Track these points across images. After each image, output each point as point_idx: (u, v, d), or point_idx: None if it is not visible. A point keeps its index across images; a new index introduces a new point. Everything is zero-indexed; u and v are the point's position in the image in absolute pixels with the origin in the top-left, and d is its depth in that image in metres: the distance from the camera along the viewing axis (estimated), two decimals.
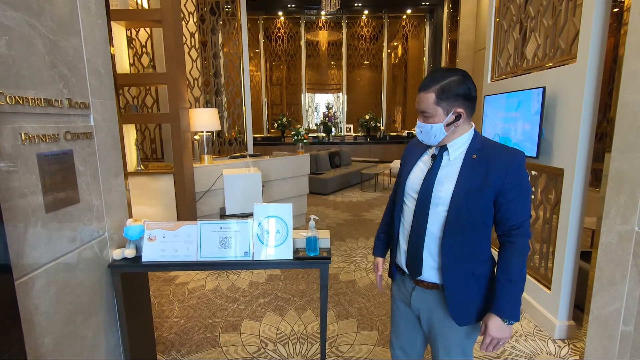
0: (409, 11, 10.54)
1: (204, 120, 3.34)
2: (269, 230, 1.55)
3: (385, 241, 1.41)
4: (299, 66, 10.86)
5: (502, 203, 1.06)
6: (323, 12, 10.43)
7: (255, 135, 10.74)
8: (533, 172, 2.34)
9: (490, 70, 2.87)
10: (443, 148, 1.14)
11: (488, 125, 2.72)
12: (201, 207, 3.38)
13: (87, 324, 1.42)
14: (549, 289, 2.19)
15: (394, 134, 11.26)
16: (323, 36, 10.86)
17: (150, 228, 1.56)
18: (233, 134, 5.11)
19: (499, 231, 1.11)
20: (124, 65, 3.18)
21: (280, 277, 2.98)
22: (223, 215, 3.07)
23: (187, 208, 3.11)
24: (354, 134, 11.08)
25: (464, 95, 1.05)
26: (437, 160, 1.14)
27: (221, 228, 1.56)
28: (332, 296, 2.64)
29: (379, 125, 11.04)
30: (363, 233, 4.11)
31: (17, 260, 1.09)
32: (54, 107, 1.24)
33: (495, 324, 1.05)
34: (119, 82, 2.99)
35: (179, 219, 3.09)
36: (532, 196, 2.45)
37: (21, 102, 1.10)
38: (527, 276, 2.41)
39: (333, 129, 10.86)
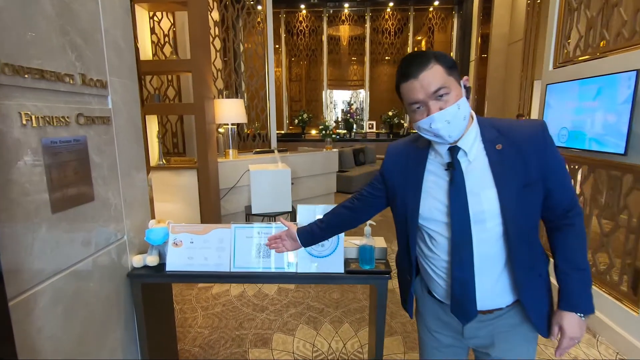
0: (436, 3, 10.09)
1: (229, 111, 3.12)
2: None
3: (317, 233, 1.14)
4: (320, 62, 10.59)
5: (552, 187, 0.87)
6: (347, 5, 10.11)
7: (277, 131, 10.54)
8: (614, 172, 2.00)
9: (553, 56, 2.52)
10: (455, 150, 0.87)
11: (552, 117, 2.38)
12: (225, 205, 3.16)
13: (102, 342, 1.20)
14: (636, 311, 1.85)
15: None
16: (344, 31, 10.54)
17: (176, 232, 1.33)
18: (251, 130, 4.89)
19: (551, 217, 0.92)
20: (146, 52, 2.98)
21: (311, 284, 2.73)
22: (249, 214, 2.84)
23: (211, 206, 2.90)
24: (375, 131, 10.74)
25: (456, 65, 0.84)
26: (456, 169, 0.87)
27: (259, 233, 1.31)
28: (364, 306, 2.36)
29: (402, 122, 10.66)
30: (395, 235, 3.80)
31: (14, 274, 0.86)
32: (64, 84, 1.01)
33: (571, 322, 0.89)
34: (143, 69, 2.82)
35: (202, 218, 2.88)
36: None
37: (21, 74, 0.87)
38: (602, 293, 2.07)
39: (355, 125, 10.55)
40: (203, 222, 2.90)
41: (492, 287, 0.89)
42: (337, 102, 11.03)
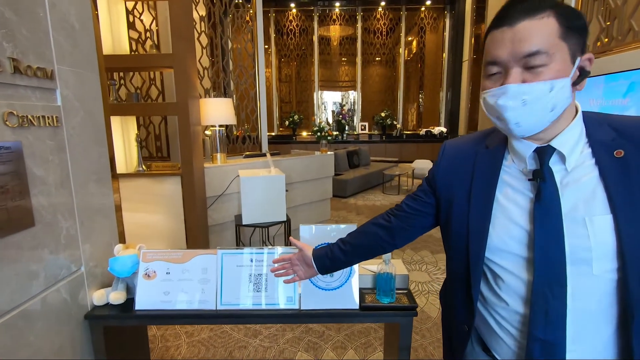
0: (428, 2, 9.97)
1: (217, 112, 2.84)
2: None
3: (339, 258, 0.88)
4: (310, 62, 10.36)
5: None
6: (337, 4, 9.91)
7: (267, 133, 10.27)
8: None
9: None
10: (546, 153, 0.62)
11: None
12: (212, 215, 2.89)
13: None
14: None
15: (410, 132, 10.71)
16: (335, 31, 10.34)
17: (148, 259, 1.06)
18: (241, 131, 4.63)
19: None
20: (123, 46, 2.69)
21: None
22: (239, 224, 2.57)
23: (197, 216, 2.62)
24: (368, 132, 10.56)
25: (585, 30, 0.58)
26: (547, 179, 0.61)
27: (252, 261, 1.05)
28: (370, 328, 2.12)
29: (395, 123, 10.50)
30: None
31: None
32: None
33: None
34: (116, 64, 2.53)
35: (187, 229, 2.60)
36: None
37: None
38: None
39: (347, 127, 10.34)
40: (188, 234, 2.62)
41: (595, 357, 0.62)
42: (327, 103, 10.81)
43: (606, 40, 2.11)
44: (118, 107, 2.40)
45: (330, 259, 0.89)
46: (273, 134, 10.44)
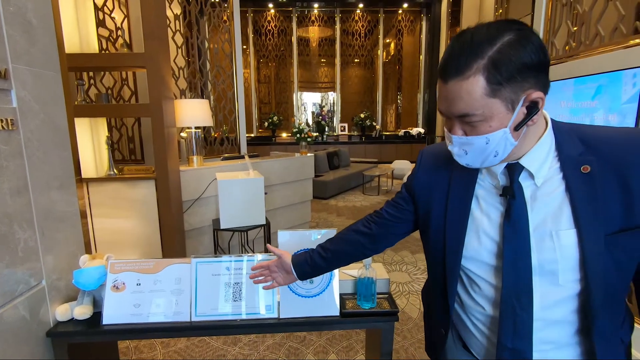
0: (405, 5, 10.13)
1: (192, 113, 2.76)
2: None
3: (318, 264, 0.88)
4: (289, 63, 10.32)
5: None
6: (316, 5, 9.91)
7: (246, 135, 10.14)
8: None
9: None
10: (516, 170, 0.64)
11: None
12: (189, 219, 2.80)
13: None
14: None
15: (390, 133, 10.84)
16: (314, 32, 10.34)
17: (117, 270, 1.00)
18: (218, 133, 4.55)
19: None
20: (91, 44, 2.57)
21: None
22: (217, 229, 2.51)
23: (172, 220, 2.53)
24: (348, 134, 10.61)
25: (536, 63, 0.55)
26: (516, 196, 0.63)
27: (229, 269, 1.01)
28: (352, 331, 2.11)
29: (374, 124, 10.60)
30: None
31: None
32: None
33: None
34: (84, 64, 2.41)
35: (162, 234, 2.51)
36: None
37: None
38: None
39: (327, 128, 10.35)
40: (164, 240, 2.53)
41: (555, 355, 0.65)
42: (307, 104, 10.79)
43: (574, 44, 2.18)
44: (86, 109, 2.29)
45: (310, 266, 0.89)
46: (252, 135, 10.32)
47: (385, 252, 3.31)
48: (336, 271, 1.02)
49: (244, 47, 10.06)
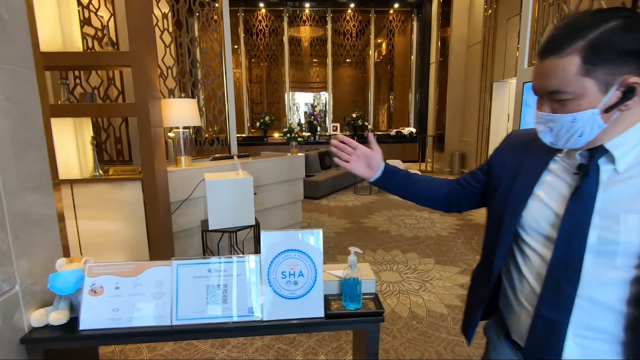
0: (396, 5, 10.16)
1: (180, 113, 2.73)
2: (286, 272, 0.99)
3: (399, 179, 0.97)
4: (281, 63, 10.28)
5: None
6: (307, 5, 9.89)
7: (237, 135, 10.07)
8: None
9: (528, 53, 2.41)
10: (598, 151, 0.64)
11: (531, 116, 2.26)
12: (177, 220, 2.76)
13: None
14: None
15: (382, 132, 10.87)
16: (306, 32, 10.32)
17: (95, 274, 0.97)
18: (209, 133, 4.52)
19: None
20: (75, 43, 2.52)
21: None
22: (205, 230, 2.48)
23: (160, 222, 2.49)
24: (340, 133, 10.60)
25: (636, 50, 0.57)
26: (590, 175, 0.64)
27: (210, 271, 0.99)
28: (341, 332, 2.10)
29: (366, 124, 10.62)
30: (368, 244, 3.59)
31: None
32: None
33: None
34: (67, 62, 2.35)
35: (150, 236, 2.47)
36: None
37: None
38: None
39: (319, 128, 10.34)
40: (151, 242, 2.49)
41: (598, 353, 0.65)
42: (299, 104, 10.76)
43: None
44: (69, 108, 2.24)
45: (394, 173, 0.96)
46: (243, 135, 10.27)
47: (376, 251, 3.30)
48: (321, 272, 1.00)
49: (235, 46, 10.00)
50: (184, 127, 2.82)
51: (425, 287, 2.65)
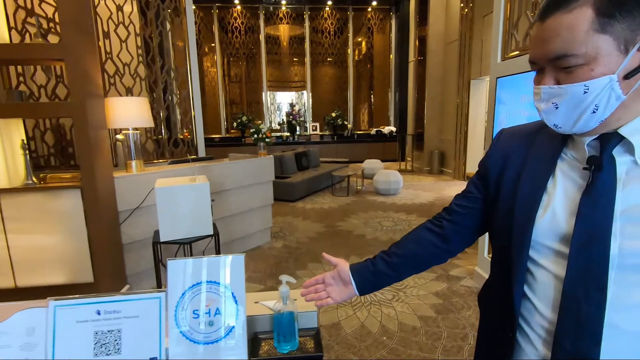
0: (374, 3, 10.06)
1: (129, 113, 2.47)
2: (199, 311, 0.79)
3: (383, 272, 0.77)
4: (259, 62, 10.02)
5: None
6: (284, 2, 9.66)
7: (213, 136, 9.78)
8: None
9: (501, 47, 2.27)
10: (611, 140, 0.51)
11: (505, 114, 2.13)
12: (128, 231, 2.51)
13: None
14: None
15: (362, 132, 10.75)
16: (284, 30, 10.10)
17: None
18: (186, 134, 4.27)
19: None
20: (2, 35, 2.24)
21: None
22: (157, 242, 2.24)
23: (104, 234, 2.24)
24: (320, 133, 10.43)
25: None
26: (604, 169, 0.51)
27: (99, 313, 0.77)
28: None
29: (346, 123, 10.48)
30: (341, 249, 3.41)
31: None
32: None
33: None
34: None
35: (92, 250, 2.21)
36: None
37: None
38: None
39: (298, 127, 10.13)
40: (94, 256, 2.23)
41: None
42: (282, 104, 10.52)
43: None
44: None
45: (373, 273, 0.78)
46: (220, 136, 9.96)
47: (350, 257, 3.13)
48: (243, 307, 0.80)
49: (212, 44, 9.69)
50: (134, 129, 2.56)
51: (399, 296, 2.48)
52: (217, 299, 0.80)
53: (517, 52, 2.15)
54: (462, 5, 6.67)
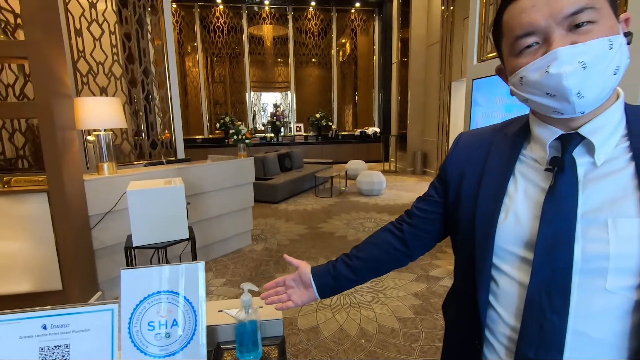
0: (357, 4, 10.10)
1: (100, 113, 2.39)
2: (154, 322, 0.75)
3: (344, 275, 0.76)
4: (242, 62, 9.91)
5: None
6: (267, 2, 9.60)
7: (196, 137, 9.63)
8: None
9: (477, 49, 2.29)
10: (572, 140, 0.51)
11: (481, 115, 2.15)
12: (100, 236, 2.43)
13: None
14: None
15: (346, 132, 10.77)
16: (268, 31, 10.03)
17: None
18: (167, 135, 4.18)
19: None
20: None
21: None
22: (129, 247, 2.16)
23: (73, 240, 2.15)
24: (304, 134, 10.40)
25: None
26: (565, 170, 0.51)
27: (45, 327, 0.72)
28: (287, 353, 1.88)
29: (330, 124, 10.48)
30: (322, 251, 3.39)
31: None
32: None
33: None
34: None
35: (60, 256, 2.12)
36: None
37: None
38: None
39: (282, 128, 10.07)
40: (62, 263, 2.14)
41: None
42: (267, 104, 10.43)
43: None
44: None
45: (333, 277, 0.76)
46: (203, 137, 9.81)
47: (330, 259, 3.11)
48: (202, 317, 0.77)
49: (194, 44, 9.53)
50: (106, 130, 2.48)
51: (379, 298, 2.48)
52: (174, 310, 0.76)
53: (494, 54, 2.18)
54: (443, 8, 6.76)
